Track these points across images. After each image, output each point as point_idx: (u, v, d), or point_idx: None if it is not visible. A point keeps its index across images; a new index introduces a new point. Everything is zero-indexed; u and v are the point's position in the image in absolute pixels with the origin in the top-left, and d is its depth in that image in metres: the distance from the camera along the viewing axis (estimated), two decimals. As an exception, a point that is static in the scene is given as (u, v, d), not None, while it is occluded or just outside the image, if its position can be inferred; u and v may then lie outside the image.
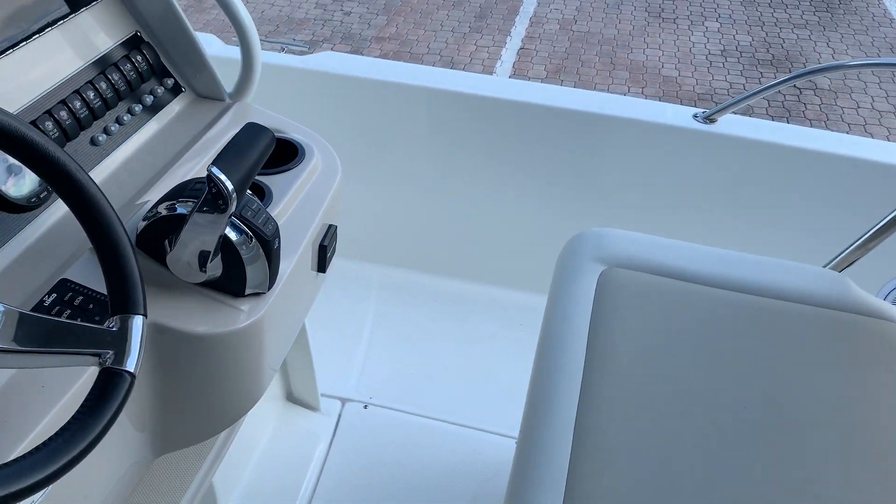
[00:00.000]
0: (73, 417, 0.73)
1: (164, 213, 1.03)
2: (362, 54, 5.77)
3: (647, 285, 1.39)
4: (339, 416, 1.99)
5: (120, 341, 0.79)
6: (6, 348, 0.69)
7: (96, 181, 1.18)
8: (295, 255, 1.19)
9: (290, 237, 1.21)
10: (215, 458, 1.43)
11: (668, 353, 1.28)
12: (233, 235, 1.01)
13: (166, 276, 1.05)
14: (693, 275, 1.43)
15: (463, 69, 5.56)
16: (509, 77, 5.53)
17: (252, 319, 1.07)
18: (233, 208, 0.95)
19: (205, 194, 0.95)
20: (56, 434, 0.71)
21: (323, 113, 2.23)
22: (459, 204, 2.33)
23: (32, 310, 0.95)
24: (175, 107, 1.38)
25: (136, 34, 1.34)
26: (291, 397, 1.97)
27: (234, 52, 2.19)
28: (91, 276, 1.02)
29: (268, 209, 1.21)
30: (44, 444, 0.69)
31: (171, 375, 1.07)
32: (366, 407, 2.01)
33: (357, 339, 2.22)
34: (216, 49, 2.22)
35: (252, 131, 1.00)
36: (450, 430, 1.96)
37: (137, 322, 0.81)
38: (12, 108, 1.10)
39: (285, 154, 1.33)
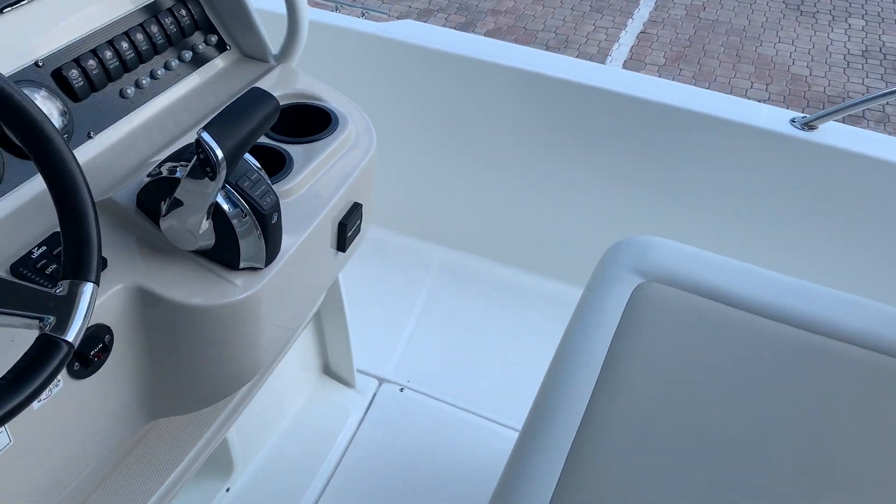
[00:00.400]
0: None
1: (164, 173, 0.99)
2: (475, 26, 5.66)
3: (685, 306, 1.25)
4: (374, 395, 1.94)
5: (65, 308, 0.75)
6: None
7: (118, 136, 1.16)
8: (306, 230, 1.13)
9: (305, 211, 1.15)
10: (231, 414, 1.41)
11: (692, 383, 1.15)
12: (225, 206, 0.96)
13: (162, 241, 1.02)
14: (741, 300, 1.27)
15: (577, 49, 5.36)
16: (625, 61, 5.29)
17: (245, 294, 1.02)
18: (222, 177, 0.90)
19: (193, 160, 0.90)
20: None
21: (391, 85, 2.16)
22: (525, 190, 2.21)
23: (18, 261, 0.93)
24: (218, 63, 1.34)
25: (184, -14, 1.30)
26: (328, 370, 1.94)
27: (322, 15, 2.15)
28: None
29: (285, 179, 1.15)
30: None
31: (162, 343, 1.04)
32: (402, 390, 1.96)
33: (405, 319, 2.17)
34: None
35: (254, 97, 0.94)
36: (483, 426, 1.88)
37: (87, 289, 0.77)
38: (42, 52, 1.09)
39: (318, 123, 1.27)
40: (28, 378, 0.71)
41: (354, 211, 1.26)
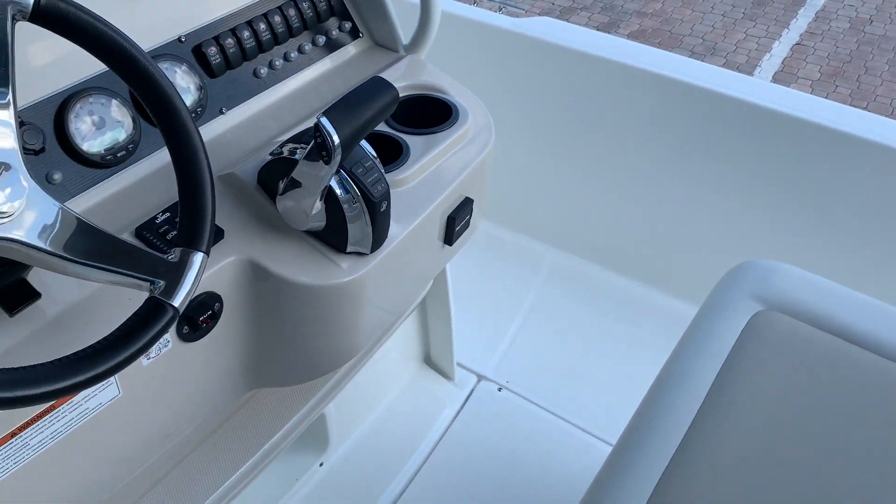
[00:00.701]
0: (105, 338, 0.74)
1: (285, 153, 1.02)
2: (619, 27, 5.52)
3: (805, 339, 1.16)
4: (472, 391, 1.94)
5: (174, 275, 0.79)
6: (50, 252, 0.71)
7: (248, 114, 1.20)
8: (414, 221, 1.13)
9: (415, 202, 1.15)
10: (330, 391, 1.44)
11: (802, 422, 1.06)
12: (338, 190, 0.98)
13: (277, 218, 1.05)
14: (869, 339, 1.16)
15: (725, 58, 5.12)
16: (775, 73, 5.00)
17: (349, 278, 1.04)
18: (336, 161, 0.91)
19: (311, 143, 0.92)
20: (81, 351, 0.72)
21: (520, 81, 2.13)
22: (649, 199, 2.13)
23: (143, 224, 0.99)
24: (350, 50, 1.37)
25: (325, -27, 1.34)
26: (429, 360, 1.95)
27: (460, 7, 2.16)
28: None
29: (400, 168, 1.16)
30: (65, 357, 0.71)
31: (268, 316, 1.08)
32: (500, 390, 1.94)
33: (511, 319, 2.14)
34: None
35: (375, 86, 0.94)
36: (577, 436, 1.84)
37: (197, 259, 0.81)
38: (186, 29, 1.15)
39: (438, 115, 1.27)
40: (134, 337, 0.75)
41: (465, 206, 1.25)
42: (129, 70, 0.79)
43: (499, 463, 1.78)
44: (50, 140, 0.97)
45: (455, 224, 1.24)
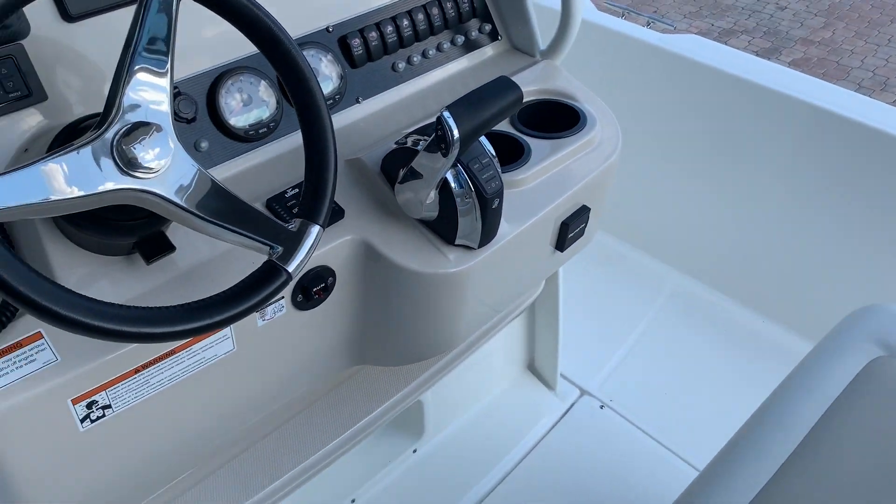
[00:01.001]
0: (224, 291, 0.81)
1: (409, 144, 1.06)
2: (780, 53, 5.27)
3: None
4: (573, 405, 1.92)
5: (293, 242, 0.85)
6: (185, 208, 0.78)
7: (381, 105, 1.26)
8: (526, 222, 1.15)
9: (530, 204, 1.17)
10: (429, 379, 1.48)
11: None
12: (452, 183, 1.01)
13: (394, 205, 1.10)
14: None
15: None
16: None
17: (454, 269, 1.07)
18: (453, 155, 0.95)
19: (433, 135, 0.96)
20: (201, 300, 0.79)
21: (658, 97, 2.09)
22: (780, 230, 2.03)
23: (274, 197, 1.06)
24: (487, 51, 1.41)
25: (472, -25, 1.38)
26: (532, 367, 1.96)
27: (598, 16, 2.15)
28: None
29: (519, 169, 1.18)
30: (187, 304, 0.78)
31: (376, 296, 1.13)
32: (602, 407, 1.91)
33: (623, 337, 2.11)
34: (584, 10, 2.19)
35: (499, 85, 0.97)
36: (677, 466, 1.78)
37: (314, 231, 0.86)
38: (334, 19, 1.22)
39: (566, 121, 1.28)
40: (250, 294, 0.82)
41: (581, 213, 1.25)
42: (274, 52, 0.86)
43: (588, 478, 1.76)
44: (202, 111, 1.07)
45: (568, 231, 1.24)
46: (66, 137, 0.88)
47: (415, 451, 1.77)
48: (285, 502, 1.37)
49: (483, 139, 1.04)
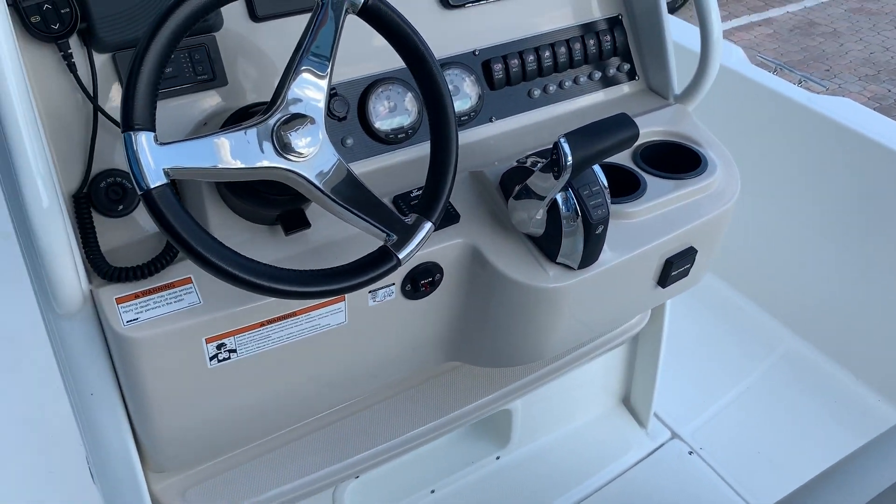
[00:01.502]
0: (340, 266, 0.94)
1: (527, 163, 1.16)
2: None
3: None
4: (661, 445, 1.93)
5: (407, 233, 0.97)
6: (321, 191, 0.92)
7: (512, 126, 1.36)
8: (629, 253, 1.21)
9: (637, 236, 1.22)
10: (520, 388, 1.55)
11: None
12: (561, 205, 1.09)
13: (506, 218, 1.19)
14: None
15: None
16: None
17: (551, 285, 1.15)
18: (564, 179, 1.03)
19: (548, 158, 1.05)
20: (321, 269, 0.92)
21: (796, 154, 2.06)
22: None
23: (400, 195, 1.19)
24: (622, 89, 1.47)
25: (618, 16, 1.45)
26: (626, 401, 1.98)
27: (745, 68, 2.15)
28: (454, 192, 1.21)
29: (632, 202, 1.24)
30: (309, 270, 0.91)
31: (477, 297, 1.23)
32: (690, 453, 1.91)
33: (725, 389, 2.09)
34: (734, 61, 2.21)
35: (618, 121, 1.05)
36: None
37: (426, 226, 0.98)
38: (481, 44, 1.33)
39: (688, 164, 1.33)
40: (362, 272, 0.94)
41: (687, 254, 1.29)
42: (418, 68, 0.99)
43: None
44: (352, 112, 1.21)
45: (672, 269, 1.29)
46: (237, 118, 1.04)
47: (498, 458, 1.84)
48: (370, 475, 1.49)
49: (598, 169, 1.12)
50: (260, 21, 1.15)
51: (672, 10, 6.09)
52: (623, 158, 1.34)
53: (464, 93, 1.31)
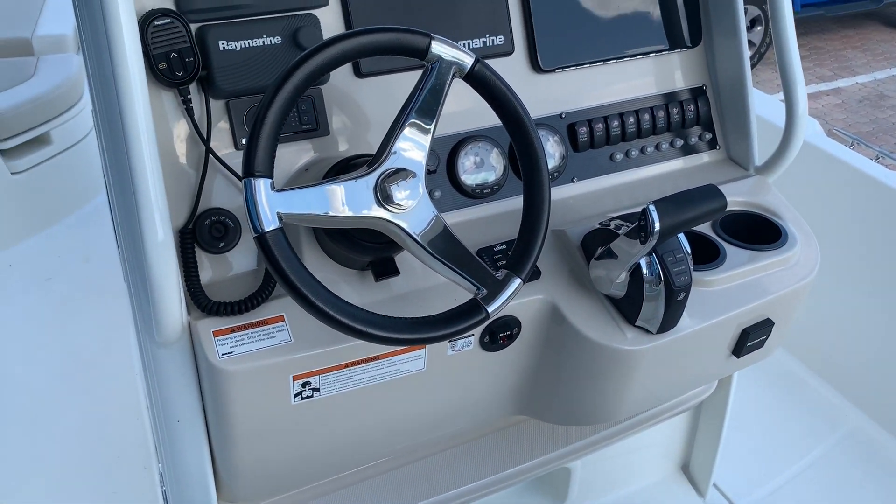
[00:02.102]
0: (431, 315, 0.97)
1: (611, 226, 1.18)
2: None
3: None
4: (719, 517, 1.89)
5: (497, 288, 1.00)
6: (419, 243, 0.96)
7: (593, 188, 1.39)
8: (707, 321, 1.21)
9: (716, 305, 1.23)
10: (582, 448, 1.55)
11: None
12: (645, 269, 1.11)
13: (586, 277, 1.21)
14: None
15: None
16: None
17: (629, 347, 1.16)
18: (650, 245, 1.05)
19: (635, 223, 1.08)
20: (411, 318, 0.95)
21: (879, 233, 2.03)
22: None
23: (484, 248, 1.22)
24: (703, 158, 1.49)
25: (702, 87, 1.49)
26: (686, 469, 1.96)
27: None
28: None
29: (712, 271, 1.25)
30: (398, 318, 0.95)
31: (552, 354, 1.25)
32: (749, 527, 1.87)
33: (788, 463, 2.04)
34: (810, 134, 2.21)
35: (707, 192, 1.07)
36: None
37: (515, 282, 1.01)
38: (568, 108, 1.37)
39: (768, 236, 1.34)
40: (451, 322, 0.97)
41: (764, 326, 1.29)
42: (517, 131, 1.03)
43: None
44: (442, 165, 1.26)
45: (748, 339, 1.29)
46: (340, 169, 1.10)
47: (553, 516, 1.83)
48: None
49: (681, 237, 1.14)
50: (363, 77, 1.21)
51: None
52: (703, 227, 1.35)
53: (548, 153, 1.34)
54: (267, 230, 0.88)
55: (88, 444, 2.03)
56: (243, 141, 1.14)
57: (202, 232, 1.12)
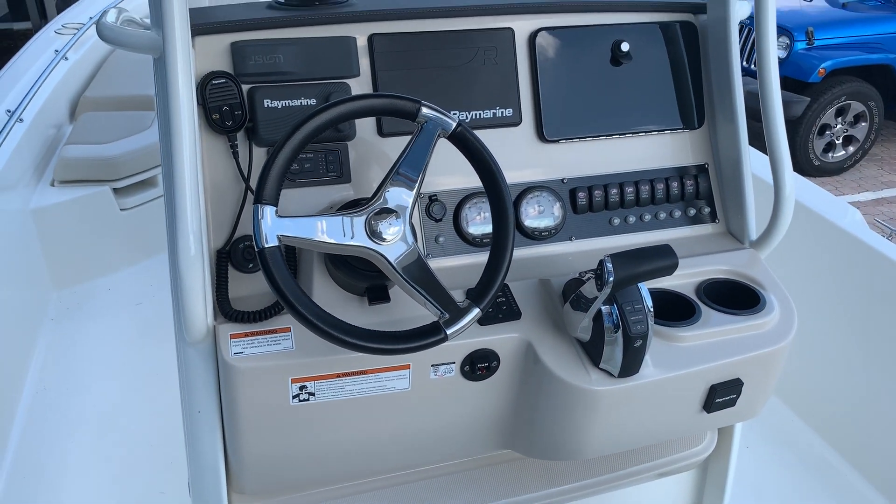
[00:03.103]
0: (398, 331, 1.14)
1: (582, 277, 1.33)
2: None
3: None
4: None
5: (458, 314, 1.16)
6: (395, 269, 1.14)
7: (589, 247, 1.53)
8: (671, 372, 1.32)
9: (681, 359, 1.34)
10: (570, 492, 1.65)
11: None
12: (604, 315, 1.25)
13: (561, 321, 1.36)
14: None
15: None
16: None
17: (591, 387, 1.29)
18: (605, 293, 1.20)
19: (595, 272, 1.22)
20: (381, 331, 1.13)
21: (878, 306, 2.05)
22: None
23: (471, 288, 1.39)
24: (700, 230, 1.61)
25: (704, 165, 1.62)
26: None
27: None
28: (521, 294, 1.39)
29: (683, 328, 1.36)
30: (371, 330, 1.13)
31: (527, 389, 1.38)
32: None
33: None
34: (848, 223, 2.26)
35: (661, 251, 1.21)
36: None
37: (474, 311, 1.17)
38: (569, 174, 1.53)
39: (747, 304, 1.43)
40: (413, 339, 1.14)
41: (733, 385, 1.38)
42: (490, 184, 1.21)
43: None
44: (448, 216, 1.45)
45: (716, 395, 1.38)
46: (348, 206, 1.31)
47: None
48: None
49: (644, 291, 1.26)
50: (385, 137, 1.43)
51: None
52: (687, 290, 1.47)
53: (549, 212, 1.51)
54: (266, 246, 1.09)
55: (144, 448, 2.28)
56: None
57: (236, 254, 1.34)
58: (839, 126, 6.06)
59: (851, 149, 6.24)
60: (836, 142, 6.11)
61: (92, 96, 3.43)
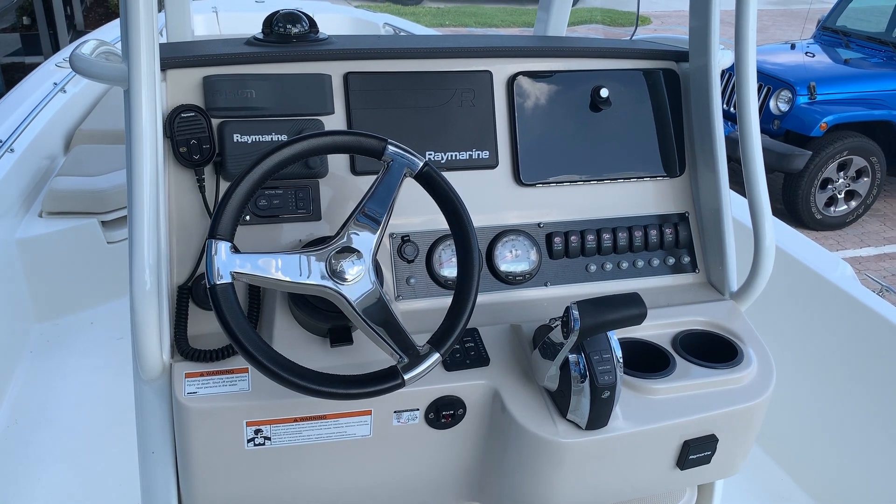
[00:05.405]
0: (353, 375, 1.10)
1: (551, 324, 1.29)
2: None
3: None
4: None
5: (417, 359, 1.12)
6: (355, 309, 1.10)
7: (564, 293, 1.49)
8: (643, 426, 1.27)
9: (654, 412, 1.29)
10: None
11: None
12: (571, 365, 1.20)
13: (528, 369, 1.31)
14: None
15: None
16: None
17: (557, 439, 1.24)
18: (572, 341, 1.16)
19: (561, 319, 1.18)
20: (336, 375, 1.09)
21: (863, 358, 2.00)
22: None
23: (435, 333, 1.35)
24: (679, 279, 1.57)
25: (685, 214, 1.59)
26: None
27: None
28: (491, 339, 1.35)
29: (657, 380, 1.32)
30: (326, 374, 1.08)
31: (494, 437, 1.33)
32: None
33: None
34: (839, 276, 2.22)
35: (629, 299, 1.17)
36: None
37: (434, 356, 1.13)
38: (546, 219, 1.50)
39: (724, 357, 1.39)
40: (367, 383, 1.10)
41: (707, 441, 1.33)
42: (456, 226, 1.18)
43: None
44: (420, 257, 1.42)
45: (689, 451, 1.32)
46: (314, 244, 1.28)
47: None
48: None
49: (614, 341, 1.22)
50: (358, 175, 1.40)
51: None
52: (663, 341, 1.42)
53: (524, 256, 1.48)
54: (218, 283, 1.06)
55: (106, 487, 2.21)
56: (246, 218, 1.35)
57: (198, 290, 1.31)
58: (841, 180, 6.04)
59: (854, 203, 6.21)
60: (839, 196, 6.09)
61: (87, 129, 3.43)
